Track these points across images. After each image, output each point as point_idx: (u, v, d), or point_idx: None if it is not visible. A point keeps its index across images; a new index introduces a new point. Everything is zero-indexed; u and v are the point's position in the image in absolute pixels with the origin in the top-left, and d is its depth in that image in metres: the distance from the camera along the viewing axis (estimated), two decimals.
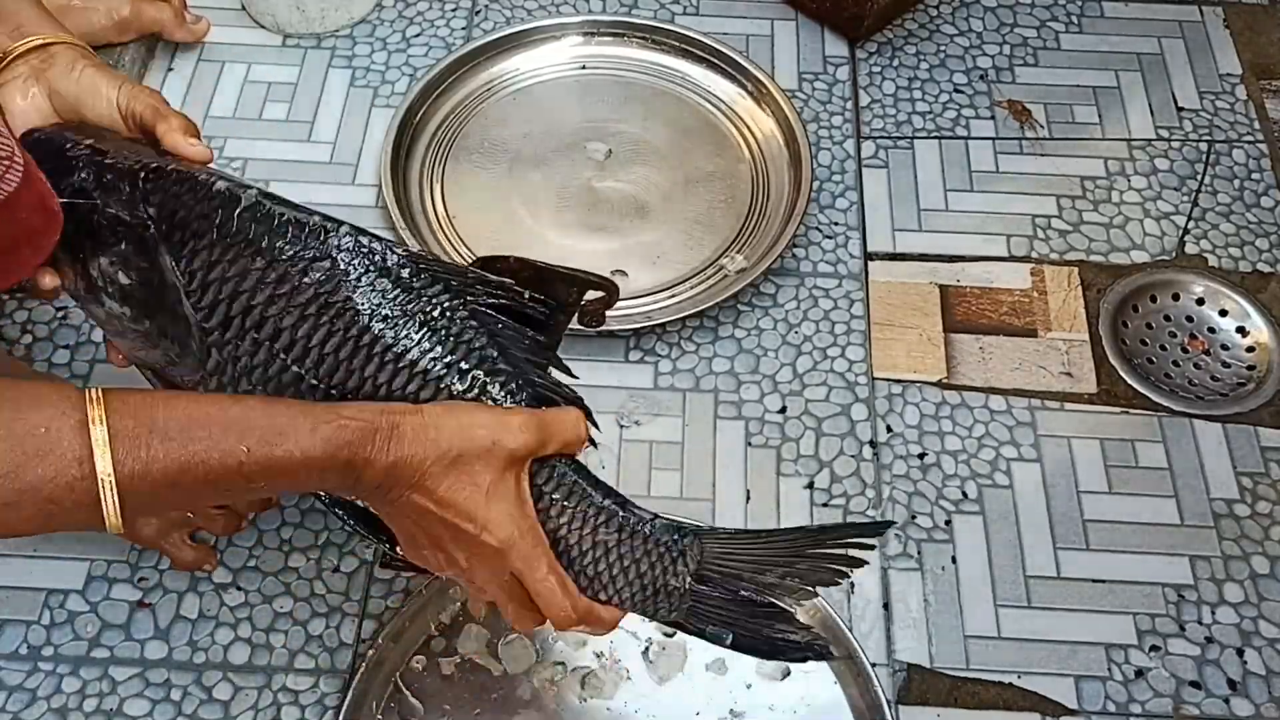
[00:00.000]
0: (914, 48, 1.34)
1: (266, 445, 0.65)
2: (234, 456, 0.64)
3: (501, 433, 0.69)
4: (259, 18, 1.33)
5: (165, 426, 0.63)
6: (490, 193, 1.21)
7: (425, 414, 0.68)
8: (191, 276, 0.71)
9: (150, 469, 0.62)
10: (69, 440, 0.61)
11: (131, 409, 0.63)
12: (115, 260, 0.73)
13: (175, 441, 0.63)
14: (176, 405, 0.65)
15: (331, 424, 0.66)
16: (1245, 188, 1.23)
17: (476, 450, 0.68)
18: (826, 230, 1.19)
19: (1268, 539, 1.00)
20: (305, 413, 0.67)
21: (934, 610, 0.96)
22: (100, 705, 0.91)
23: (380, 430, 0.67)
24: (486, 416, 0.69)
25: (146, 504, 0.64)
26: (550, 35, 1.32)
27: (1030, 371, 1.10)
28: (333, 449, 0.66)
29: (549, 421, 0.71)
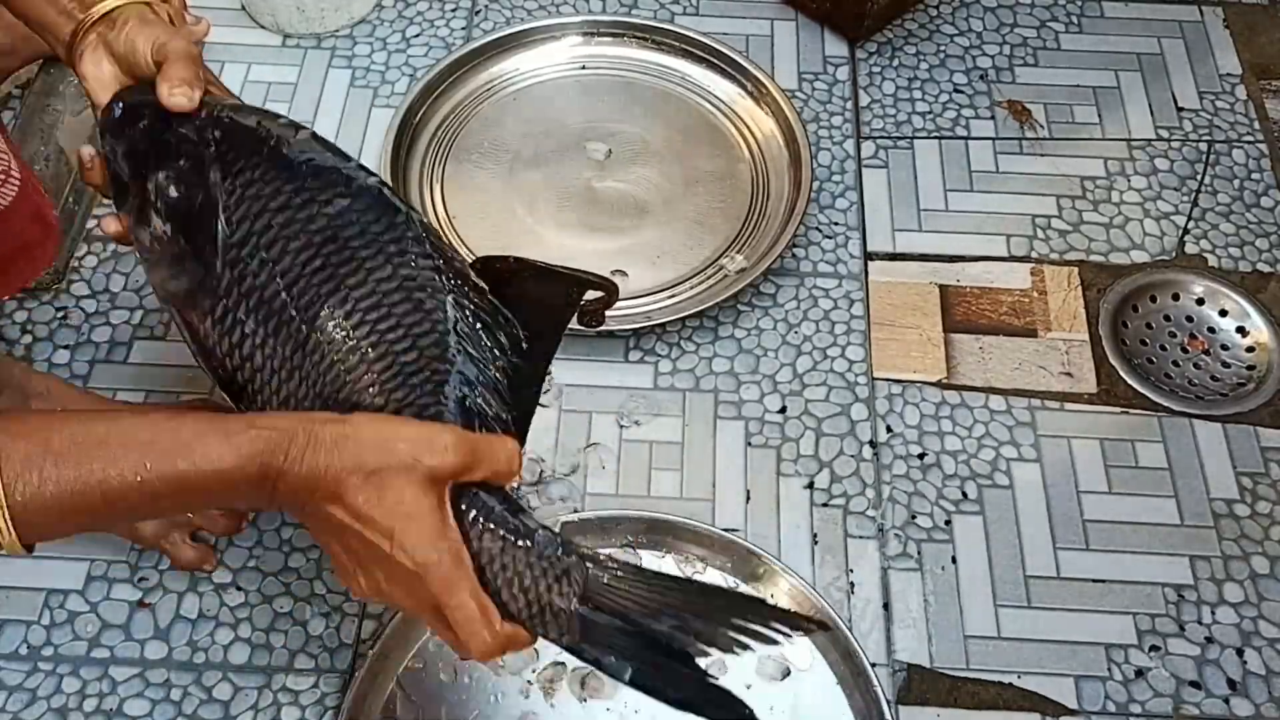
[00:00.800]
0: (914, 48, 1.34)
1: (170, 460, 0.62)
2: (135, 474, 0.62)
3: (425, 450, 0.65)
4: (259, 18, 1.33)
5: (60, 448, 0.61)
6: (490, 193, 1.21)
7: (349, 423, 0.66)
8: (231, 192, 0.74)
9: (43, 492, 0.60)
10: None
11: (27, 431, 0.61)
12: (171, 174, 0.76)
13: (69, 463, 0.61)
14: (75, 423, 0.63)
15: (244, 434, 0.63)
16: (1245, 188, 1.23)
17: (396, 465, 0.64)
18: (826, 230, 1.19)
19: (1268, 539, 1.00)
20: (217, 425, 0.64)
21: (934, 610, 0.96)
22: (100, 705, 0.91)
23: (296, 439, 0.64)
24: (413, 431, 0.66)
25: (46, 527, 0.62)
26: (550, 35, 1.32)
27: (1030, 371, 1.10)
28: (243, 459, 0.63)
29: (480, 446, 0.67)
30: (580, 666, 0.92)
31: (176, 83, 0.77)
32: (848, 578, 0.98)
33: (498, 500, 0.69)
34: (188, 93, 0.77)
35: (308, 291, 0.73)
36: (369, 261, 0.73)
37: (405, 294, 0.73)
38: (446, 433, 0.66)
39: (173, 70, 0.77)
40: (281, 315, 0.73)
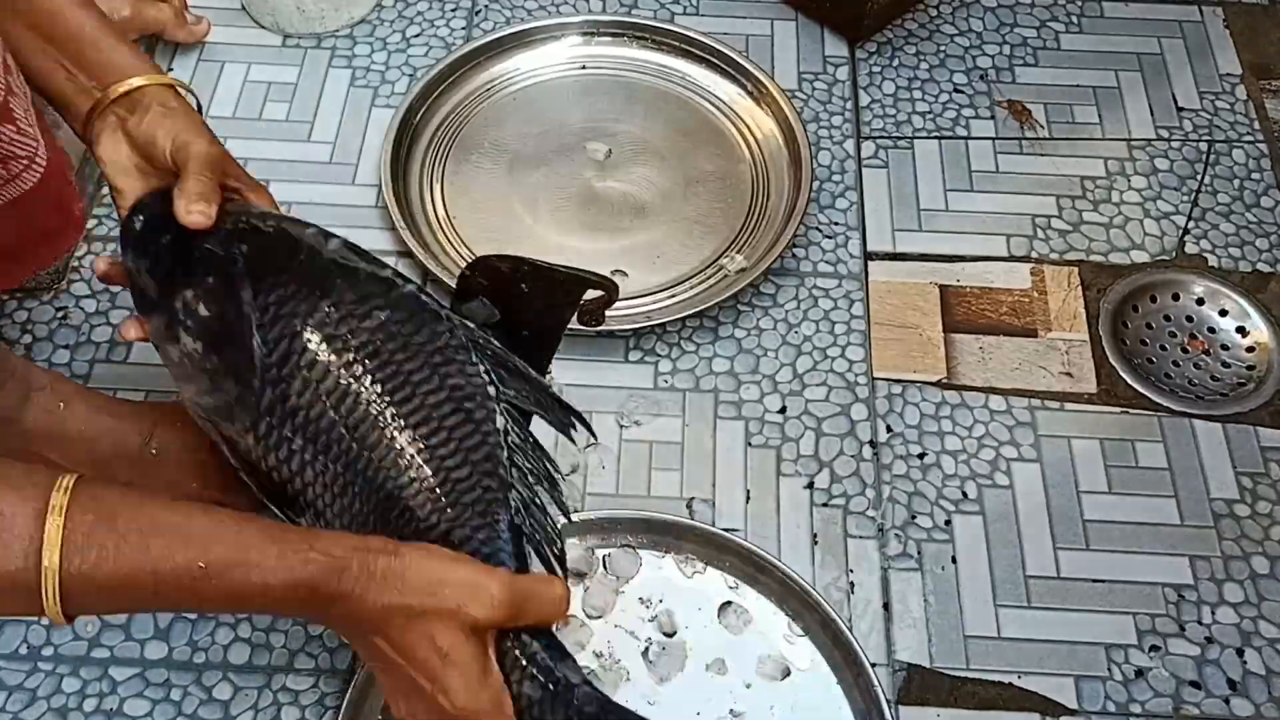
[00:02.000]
0: (914, 48, 1.34)
1: (226, 565, 0.62)
2: (188, 571, 0.62)
3: (471, 598, 0.65)
4: (259, 18, 1.33)
5: (125, 529, 0.61)
6: (490, 193, 1.21)
7: (401, 557, 0.65)
8: (265, 310, 0.73)
9: (98, 570, 0.60)
10: (21, 527, 0.59)
11: (95, 506, 0.61)
12: (199, 293, 0.74)
13: (130, 546, 0.61)
14: (145, 508, 0.63)
15: (299, 554, 0.63)
16: (1245, 188, 1.23)
17: (441, 610, 0.64)
18: (826, 230, 1.19)
19: (1268, 539, 1.00)
20: (277, 539, 0.64)
21: (934, 610, 0.96)
22: (100, 705, 0.91)
23: (349, 569, 0.64)
24: (463, 574, 0.66)
25: (92, 603, 0.62)
26: (550, 35, 1.32)
27: (1030, 371, 1.10)
28: (293, 582, 0.63)
29: (529, 594, 0.67)
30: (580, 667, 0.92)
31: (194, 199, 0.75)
32: (848, 578, 0.98)
33: (541, 645, 0.69)
34: (205, 210, 0.75)
35: (355, 409, 0.72)
36: (414, 375, 0.73)
37: (454, 405, 0.73)
38: (494, 583, 0.66)
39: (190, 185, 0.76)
40: (331, 433, 0.72)
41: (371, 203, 1.20)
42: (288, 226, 0.77)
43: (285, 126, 1.25)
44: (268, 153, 1.23)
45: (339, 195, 1.20)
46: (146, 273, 0.78)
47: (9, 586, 0.59)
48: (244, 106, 1.27)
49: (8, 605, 0.62)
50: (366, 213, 1.19)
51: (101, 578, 0.60)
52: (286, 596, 0.63)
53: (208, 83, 1.28)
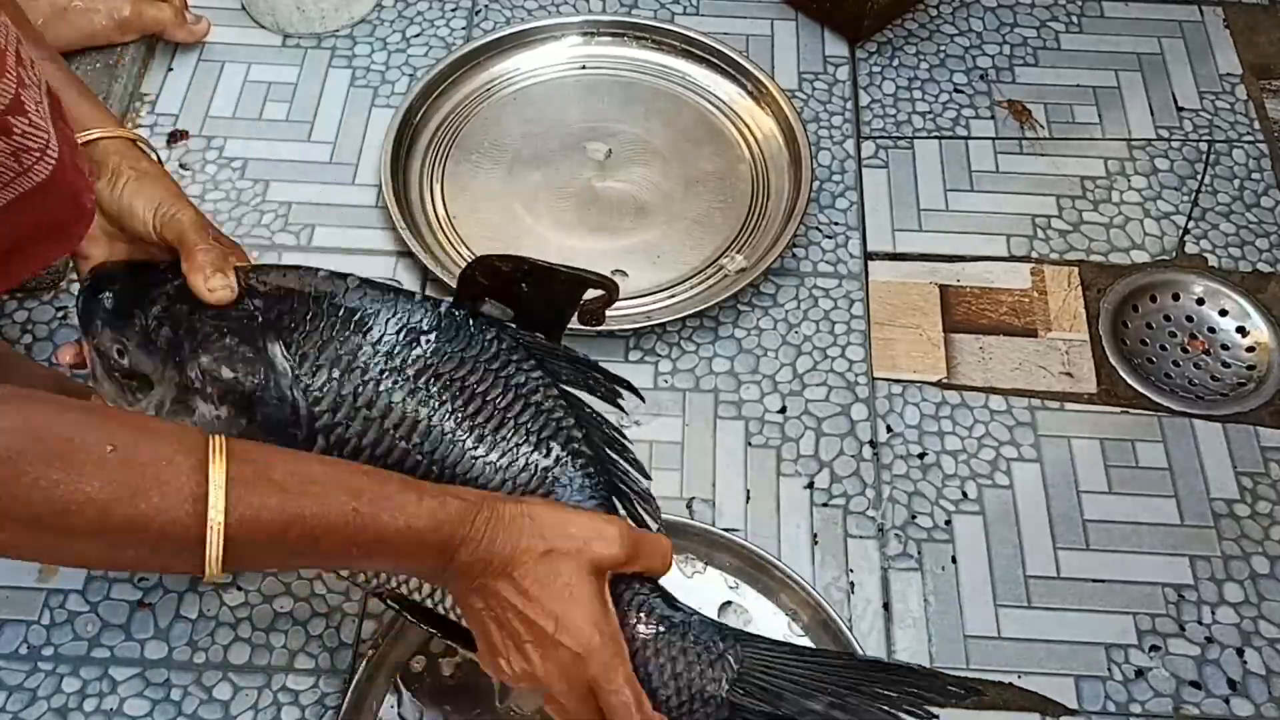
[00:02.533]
0: (914, 48, 1.34)
1: (374, 509, 0.64)
2: (342, 516, 0.64)
3: (595, 537, 0.69)
4: (259, 18, 1.33)
5: (282, 478, 0.63)
6: (490, 193, 1.21)
7: (526, 504, 0.69)
8: (303, 359, 0.72)
9: (260, 517, 0.62)
10: (186, 476, 0.60)
11: (251, 456, 0.63)
12: (219, 356, 0.72)
13: (289, 494, 0.63)
14: (295, 460, 0.66)
15: (437, 499, 0.66)
16: (1245, 188, 1.23)
17: (567, 549, 0.68)
18: (826, 230, 1.19)
19: (1268, 539, 1.00)
20: (413, 485, 0.67)
21: (934, 610, 0.96)
22: (100, 705, 0.91)
23: (481, 512, 0.67)
24: (584, 520, 0.69)
25: (249, 554, 0.63)
26: (550, 35, 1.32)
27: (1030, 371, 1.10)
28: (436, 523, 0.66)
29: (642, 543, 0.71)
30: None
31: (211, 272, 0.73)
32: (848, 578, 0.98)
33: (651, 591, 0.72)
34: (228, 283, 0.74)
35: (429, 434, 0.72)
36: (479, 386, 0.73)
37: (524, 403, 0.74)
38: (613, 525, 0.70)
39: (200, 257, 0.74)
40: (405, 462, 0.72)
41: (371, 203, 1.20)
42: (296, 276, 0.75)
43: (285, 126, 1.25)
44: (268, 153, 1.23)
45: (339, 195, 1.20)
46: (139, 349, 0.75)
47: (175, 535, 0.60)
48: (244, 106, 1.27)
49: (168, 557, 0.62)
50: (366, 213, 1.19)
51: (265, 524, 0.62)
52: (427, 538, 0.66)
53: (208, 83, 1.28)
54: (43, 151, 0.68)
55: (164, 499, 0.60)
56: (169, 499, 0.60)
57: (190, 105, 1.26)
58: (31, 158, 0.67)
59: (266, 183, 1.21)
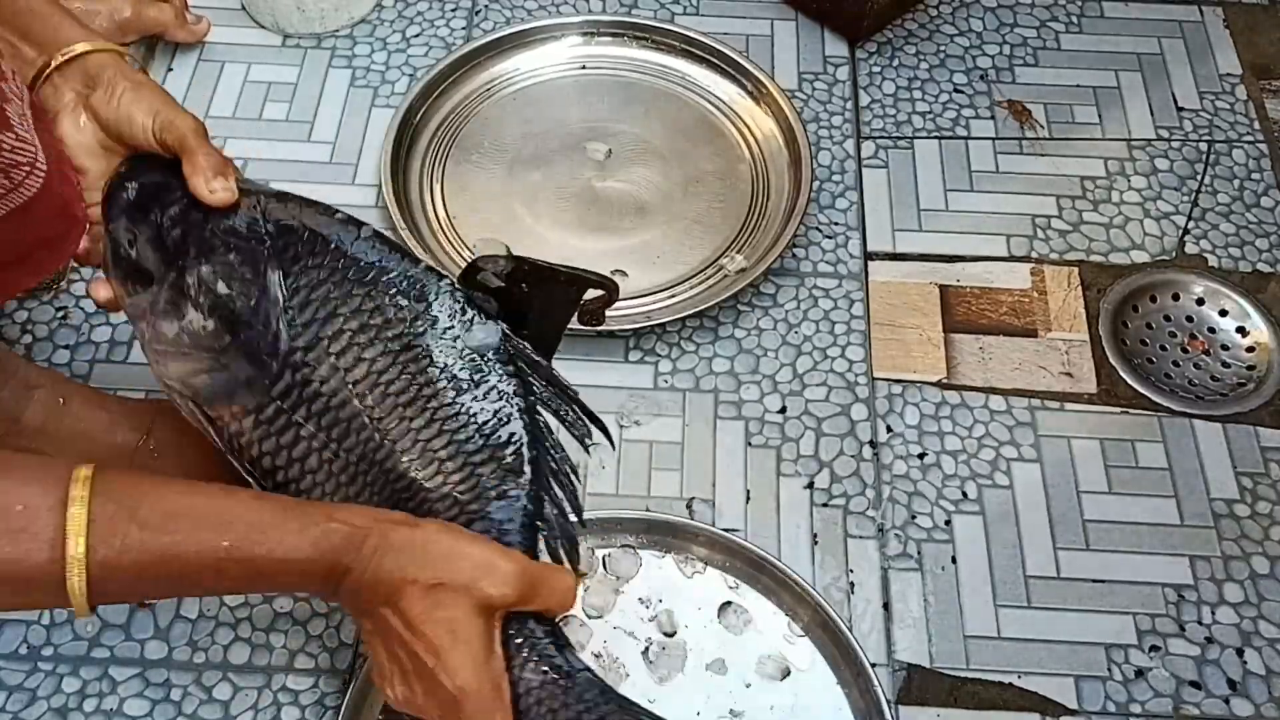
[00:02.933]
0: (914, 48, 1.34)
1: (249, 542, 0.63)
2: (212, 552, 0.62)
3: (485, 575, 0.66)
4: (259, 18, 1.33)
5: (147, 514, 0.61)
6: (490, 193, 1.21)
7: (420, 529, 0.66)
8: (295, 292, 0.72)
9: (123, 557, 0.60)
10: (44, 520, 0.59)
11: (116, 493, 0.61)
12: (219, 269, 0.72)
13: (153, 530, 0.61)
14: (164, 493, 0.63)
15: (320, 525, 0.64)
16: (1245, 188, 1.23)
17: (456, 584, 0.65)
18: (826, 230, 1.19)
19: (1268, 539, 1.00)
20: (295, 513, 0.65)
21: (934, 610, 0.96)
22: (100, 705, 0.91)
23: (369, 538, 0.65)
24: (479, 553, 0.67)
25: (117, 591, 0.62)
26: (550, 35, 1.32)
27: (1030, 371, 1.10)
28: (318, 552, 0.64)
29: (540, 580, 0.68)
30: None
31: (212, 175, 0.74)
32: (848, 578, 0.98)
33: (544, 632, 0.70)
34: (229, 186, 0.74)
35: (384, 400, 0.72)
36: (446, 370, 0.73)
37: (485, 403, 0.73)
38: (510, 563, 0.67)
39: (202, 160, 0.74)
40: (352, 422, 0.72)
41: (371, 203, 1.20)
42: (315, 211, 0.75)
43: (285, 126, 1.25)
44: (268, 153, 1.23)
45: (339, 195, 1.20)
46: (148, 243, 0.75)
47: (37, 579, 0.59)
48: (244, 106, 1.27)
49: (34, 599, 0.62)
50: (366, 213, 1.19)
51: (127, 565, 0.60)
52: (308, 569, 0.64)
53: (208, 83, 1.28)
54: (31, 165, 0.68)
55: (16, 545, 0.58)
56: (23, 545, 0.58)
57: (190, 105, 1.26)
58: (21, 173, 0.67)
59: (266, 182, 1.19)
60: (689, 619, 0.94)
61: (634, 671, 0.92)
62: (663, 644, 0.93)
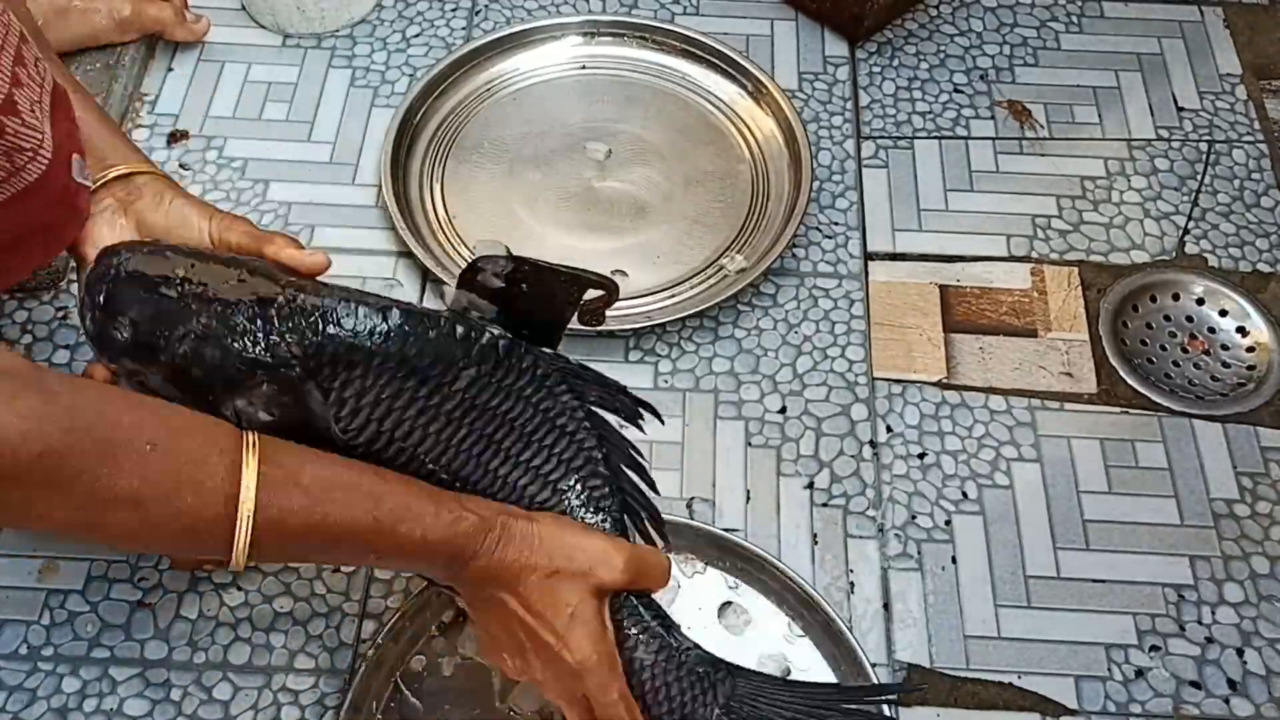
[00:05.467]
0: (914, 48, 1.34)
1: (394, 519, 0.68)
2: (363, 523, 0.67)
3: (601, 563, 0.72)
4: (259, 18, 1.33)
5: (309, 482, 0.66)
6: (490, 193, 1.21)
7: (538, 522, 0.72)
8: (342, 404, 0.72)
9: (286, 520, 0.65)
10: (221, 477, 0.64)
11: (281, 459, 0.66)
12: (254, 402, 0.71)
13: (315, 499, 0.66)
14: (323, 464, 0.68)
15: (454, 514, 0.69)
16: (1245, 188, 1.23)
17: (573, 570, 0.71)
18: (826, 230, 1.19)
19: (1268, 539, 1.00)
20: (433, 496, 0.70)
21: (934, 610, 0.96)
22: (100, 705, 0.91)
23: (493, 529, 0.70)
24: (592, 543, 0.73)
25: (273, 551, 0.67)
26: (550, 35, 1.32)
27: (1030, 371, 1.10)
28: (450, 536, 0.69)
29: (645, 564, 0.74)
30: None
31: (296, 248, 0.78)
32: (848, 578, 0.98)
33: (652, 614, 0.76)
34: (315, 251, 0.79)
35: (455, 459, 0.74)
36: (510, 413, 0.76)
37: (549, 426, 0.77)
38: (620, 551, 0.73)
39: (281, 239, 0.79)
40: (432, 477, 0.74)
41: (371, 203, 1.20)
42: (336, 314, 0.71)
43: (285, 126, 1.25)
44: (268, 153, 1.23)
45: (339, 195, 1.20)
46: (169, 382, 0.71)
47: (206, 530, 0.64)
48: (244, 106, 1.27)
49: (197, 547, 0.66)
50: (366, 213, 1.19)
51: (291, 525, 0.66)
52: (439, 550, 0.69)
53: (208, 83, 1.28)
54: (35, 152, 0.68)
55: (197, 498, 0.63)
56: (202, 498, 0.63)
57: (190, 105, 1.26)
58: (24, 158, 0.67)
59: (266, 183, 1.21)
60: (689, 619, 0.94)
61: None
62: None
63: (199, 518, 0.63)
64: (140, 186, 0.81)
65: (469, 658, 0.93)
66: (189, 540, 0.65)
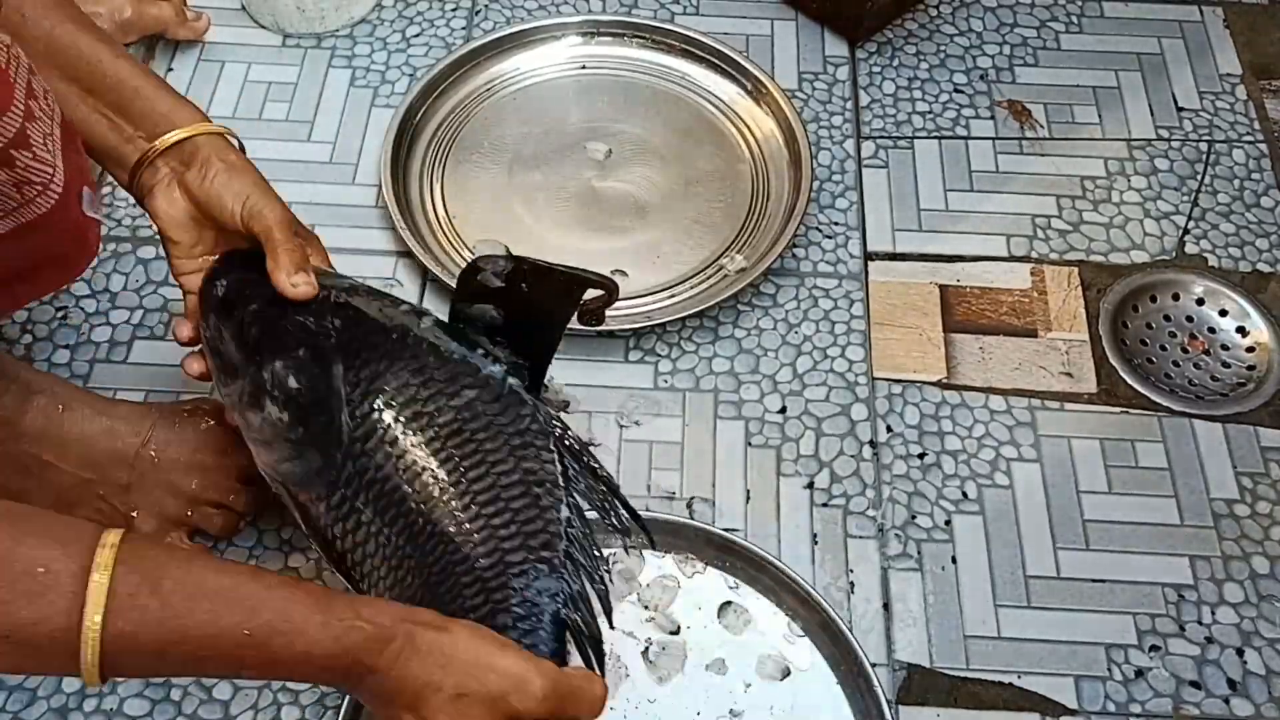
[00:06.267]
0: (914, 48, 1.34)
1: (270, 631, 0.61)
2: (232, 638, 0.61)
3: (515, 689, 0.64)
4: (259, 18, 1.33)
5: (170, 592, 0.60)
6: (490, 193, 1.21)
7: (448, 633, 0.65)
8: (356, 385, 0.74)
9: (140, 634, 0.59)
10: (64, 585, 0.57)
11: (142, 565, 0.60)
12: (290, 364, 0.75)
13: (174, 610, 0.60)
14: (190, 570, 0.61)
15: (344, 623, 0.62)
16: (1245, 188, 1.23)
17: (484, 695, 0.64)
18: (826, 230, 1.19)
19: (1268, 539, 1.00)
20: (323, 605, 0.63)
21: (934, 610, 0.96)
22: (100, 705, 0.91)
23: (395, 641, 0.63)
24: (510, 663, 0.65)
25: (131, 666, 0.60)
26: (550, 35, 1.32)
27: (1030, 371, 1.10)
28: (339, 650, 0.62)
29: (570, 691, 0.67)
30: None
31: (293, 270, 0.77)
32: (848, 578, 0.98)
33: None
34: (309, 280, 0.77)
35: (428, 486, 0.74)
36: (491, 455, 0.75)
37: (524, 489, 0.75)
38: (540, 677, 0.65)
39: (284, 257, 0.77)
40: (400, 507, 0.73)
41: (371, 203, 1.20)
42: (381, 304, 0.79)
43: (285, 126, 1.25)
44: (268, 153, 1.23)
45: (339, 195, 1.20)
46: (232, 339, 0.78)
47: (51, 646, 0.58)
48: (244, 106, 1.27)
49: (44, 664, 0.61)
50: (366, 213, 1.19)
51: (145, 641, 0.59)
52: (329, 665, 0.63)
53: (208, 83, 1.28)
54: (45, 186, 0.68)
55: (34, 610, 0.57)
56: (43, 611, 0.57)
57: None
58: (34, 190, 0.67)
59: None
60: (689, 619, 0.94)
61: (634, 671, 0.92)
62: (663, 644, 0.93)
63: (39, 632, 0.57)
64: (192, 154, 0.80)
65: None
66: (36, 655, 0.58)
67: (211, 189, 0.79)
